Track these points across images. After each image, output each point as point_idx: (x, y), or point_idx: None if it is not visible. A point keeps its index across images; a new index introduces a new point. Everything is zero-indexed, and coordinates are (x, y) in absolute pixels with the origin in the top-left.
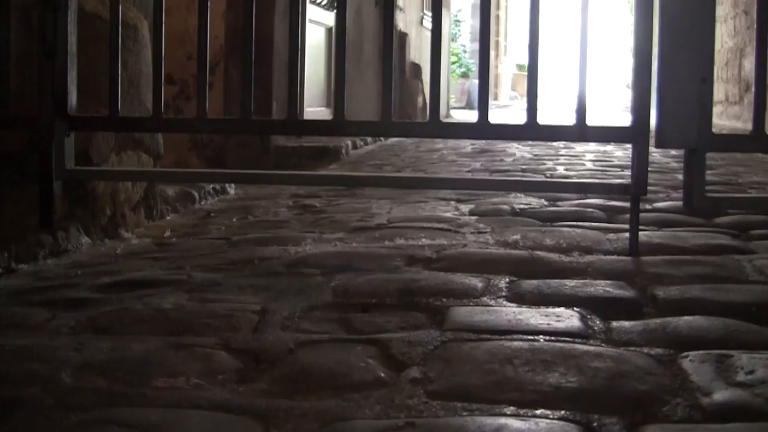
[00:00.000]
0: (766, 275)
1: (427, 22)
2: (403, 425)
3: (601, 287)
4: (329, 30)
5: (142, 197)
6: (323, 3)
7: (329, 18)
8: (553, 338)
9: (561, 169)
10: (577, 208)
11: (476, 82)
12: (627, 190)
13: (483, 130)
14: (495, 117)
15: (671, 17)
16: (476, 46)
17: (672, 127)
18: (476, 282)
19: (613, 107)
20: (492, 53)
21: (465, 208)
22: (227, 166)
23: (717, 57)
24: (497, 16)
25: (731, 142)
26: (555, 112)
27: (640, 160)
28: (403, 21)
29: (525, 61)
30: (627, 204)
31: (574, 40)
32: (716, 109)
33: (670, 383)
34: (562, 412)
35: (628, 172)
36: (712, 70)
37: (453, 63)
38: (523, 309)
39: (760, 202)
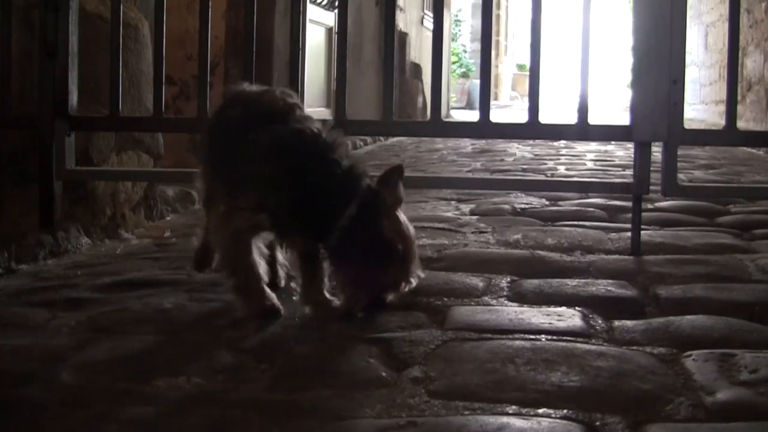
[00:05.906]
0: None
1: (428, 22)
2: (404, 424)
3: (603, 287)
4: (329, 30)
5: (142, 198)
6: (323, 3)
7: (329, 18)
8: (554, 337)
9: (562, 169)
10: (579, 208)
11: (476, 82)
12: (629, 189)
13: (485, 128)
14: (496, 117)
15: (644, 28)
16: (476, 46)
17: (646, 123)
18: (477, 281)
19: (613, 107)
20: (492, 53)
21: (466, 207)
22: None
23: (718, 56)
24: (498, 16)
25: (701, 136)
26: (556, 112)
27: (642, 159)
28: (403, 21)
29: (525, 61)
30: (628, 203)
31: (576, 39)
32: (718, 109)
33: (673, 382)
34: (565, 411)
35: (629, 172)
36: (683, 73)
37: (453, 63)
38: (525, 308)
39: (722, 191)
